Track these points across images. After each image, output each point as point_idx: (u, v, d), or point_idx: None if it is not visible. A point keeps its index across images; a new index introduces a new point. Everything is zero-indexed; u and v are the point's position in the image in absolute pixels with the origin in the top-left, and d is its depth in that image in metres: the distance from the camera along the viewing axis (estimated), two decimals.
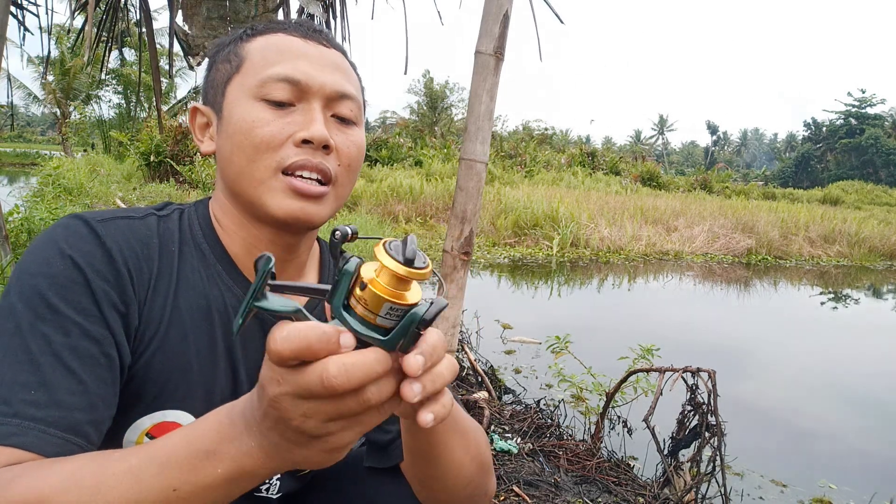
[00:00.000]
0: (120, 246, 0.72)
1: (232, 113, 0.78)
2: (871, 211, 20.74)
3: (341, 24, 3.25)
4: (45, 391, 0.61)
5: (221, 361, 0.79)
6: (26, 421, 0.59)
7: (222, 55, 0.83)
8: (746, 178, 52.78)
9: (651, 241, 11.74)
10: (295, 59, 0.78)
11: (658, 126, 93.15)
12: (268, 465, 0.53)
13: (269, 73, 0.76)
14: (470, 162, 2.44)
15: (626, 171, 27.10)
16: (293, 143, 0.76)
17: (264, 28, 0.82)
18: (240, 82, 0.78)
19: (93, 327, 0.66)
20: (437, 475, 0.75)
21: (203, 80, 0.87)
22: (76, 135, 31.30)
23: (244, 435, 0.53)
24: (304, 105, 0.77)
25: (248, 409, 0.53)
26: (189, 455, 0.54)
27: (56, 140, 41.89)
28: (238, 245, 0.82)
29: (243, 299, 0.78)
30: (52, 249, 0.68)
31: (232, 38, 0.84)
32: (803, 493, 2.84)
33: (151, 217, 0.79)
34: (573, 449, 2.73)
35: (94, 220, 0.72)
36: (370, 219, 10.51)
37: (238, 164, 0.77)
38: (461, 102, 42.72)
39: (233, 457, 0.53)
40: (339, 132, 0.80)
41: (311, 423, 0.48)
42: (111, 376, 0.67)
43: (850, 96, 68.17)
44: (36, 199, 8.71)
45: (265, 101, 0.76)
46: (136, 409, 0.73)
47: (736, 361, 4.95)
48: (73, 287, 0.66)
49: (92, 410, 0.64)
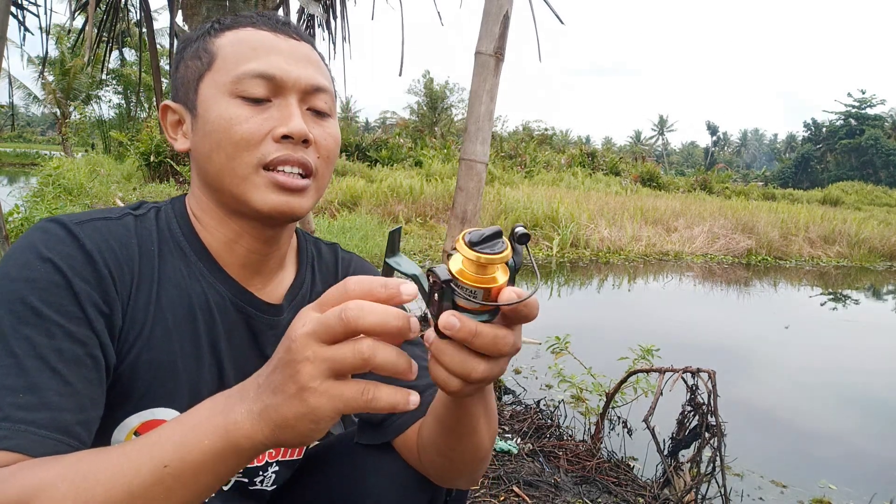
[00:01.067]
0: (99, 247, 0.72)
1: (208, 111, 0.77)
2: (870, 211, 20.73)
3: (341, 24, 3.25)
4: (33, 394, 0.61)
5: (206, 358, 0.80)
6: (17, 424, 0.59)
7: (191, 51, 0.82)
8: (746, 178, 52.78)
9: (651, 242, 11.74)
10: (268, 54, 0.78)
11: (658, 126, 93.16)
12: (254, 433, 0.54)
13: (244, 69, 0.77)
14: (470, 162, 2.44)
15: (626, 171, 27.08)
16: (272, 139, 0.76)
17: (232, 22, 0.82)
18: (213, 80, 0.78)
19: (77, 329, 0.66)
20: (461, 448, 0.76)
21: (171, 77, 0.86)
22: (76, 135, 31.30)
23: (236, 404, 0.55)
24: (281, 100, 0.78)
25: (249, 381, 0.56)
26: (178, 431, 0.56)
27: (56, 140, 41.89)
28: (218, 241, 0.83)
29: (226, 295, 0.82)
30: (31, 254, 0.68)
31: (199, 33, 0.83)
32: (803, 493, 2.84)
33: (128, 217, 0.80)
34: (573, 449, 2.73)
35: (71, 223, 0.72)
36: (370, 219, 10.50)
37: (218, 162, 0.77)
38: (461, 103, 42.73)
39: (217, 426, 0.55)
40: (316, 125, 0.81)
41: (309, 369, 0.50)
42: (97, 377, 0.68)
43: (850, 97, 68.20)
44: (36, 200, 8.70)
45: (241, 97, 0.76)
46: (123, 409, 0.74)
47: (736, 362, 4.95)
48: (54, 290, 0.66)
49: (81, 411, 0.64)
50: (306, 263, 0.94)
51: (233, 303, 0.83)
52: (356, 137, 24.51)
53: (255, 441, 0.54)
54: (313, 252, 0.97)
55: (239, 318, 0.83)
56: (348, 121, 46.31)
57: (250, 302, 0.84)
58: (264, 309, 0.85)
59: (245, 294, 0.84)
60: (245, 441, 0.54)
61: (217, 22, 0.83)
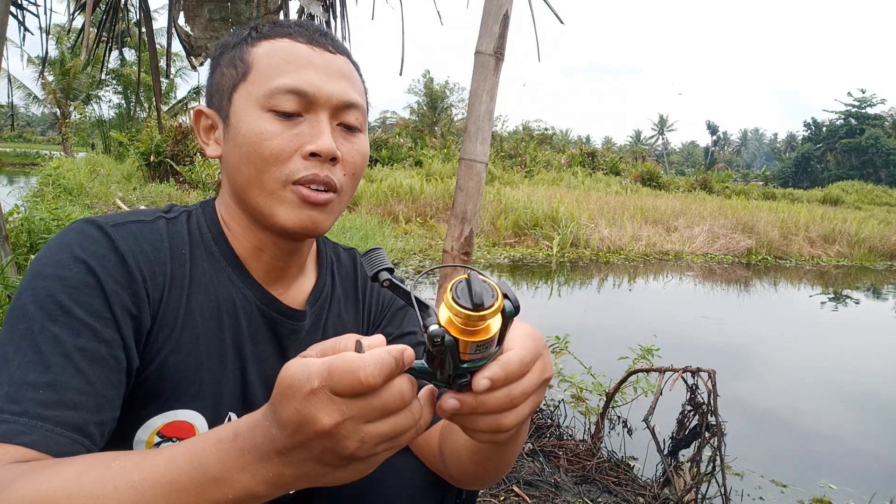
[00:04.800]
0: (133, 250, 0.73)
1: (240, 122, 0.78)
2: (871, 211, 20.73)
3: (341, 24, 3.25)
4: (54, 391, 0.62)
5: (230, 361, 0.81)
6: (34, 420, 0.60)
7: (226, 58, 0.82)
8: (746, 178, 52.75)
9: (651, 242, 11.73)
10: (302, 68, 0.78)
11: (658, 126, 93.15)
12: (290, 489, 0.54)
13: (277, 83, 0.77)
14: (470, 162, 2.44)
15: (626, 171, 27.10)
16: (301, 156, 0.77)
17: (269, 31, 0.82)
18: (247, 91, 0.78)
19: (104, 329, 0.67)
20: (503, 457, 0.77)
21: (207, 82, 0.87)
22: (76, 135, 31.32)
23: (257, 465, 0.53)
24: (312, 116, 0.78)
25: (262, 440, 0.52)
26: (195, 481, 0.54)
27: (56, 140, 41.92)
28: (245, 247, 0.84)
29: (252, 299, 0.83)
30: (65, 253, 0.69)
31: (236, 40, 0.83)
32: (803, 493, 2.84)
33: (161, 220, 0.81)
34: (573, 449, 2.73)
35: (107, 225, 0.73)
36: (370, 219, 10.51)
37: (247, 175, 0.78)
38: (461, 102, 42.71)
39: (244, 485, 0.53)
40: (345, 141, 0.81)
41: (367, 447, 0.50)
42: (118, 378, 0.68)
43: (850, 96, 68.14)
44: (36, 200, 8.70)
45: (273, 111, 0.77)
46: (148, 409, 0.75)
47: (736, 361, 4.95)
48: (85, 290, 0.67)
49: (98, 411, 0.65)
50: (326, 268, 0.95)
51: (258, 307, 0.84)
52: None
53: (285, 491, 0.54)
54: (332, 257, 0.99)
55: (263, 322, 0.85)
56: None
57: (275, 307, 0.85)
58: (289, 314, 0.87)
59: (270, 299, 0.85)
60: (279, 493, 0.54)
61: (255, 29, 0.83)
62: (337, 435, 0.49)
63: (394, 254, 8.47)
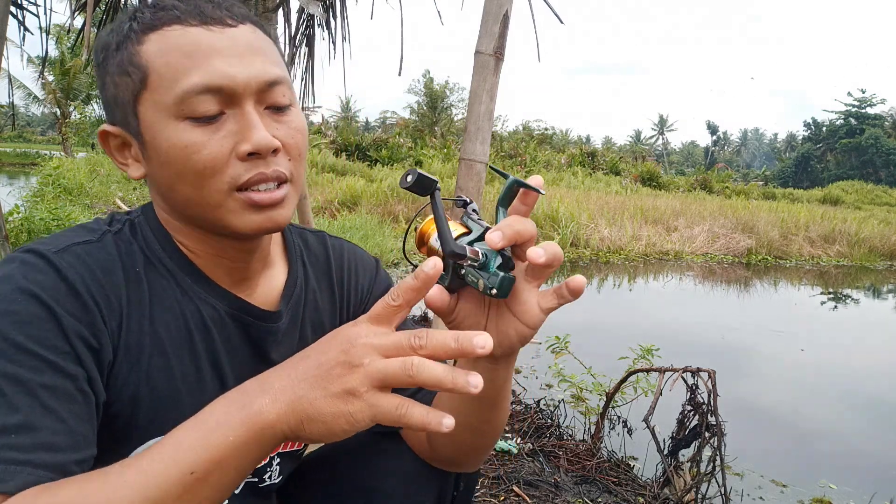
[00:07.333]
0: (82, 277, 0.67)
1: (156, 139, 0.69)
2: (871, 211, 20.73)
3: (341, 24, 3.25)
4: (28, 434, 0.57)
5: (208, 377, 0.77)
6: (12, 465, 0.55)
7: (114, 64, 0.71)
8: (746, 178, 52.74)
9: (651, 241, 11.74)
10: (207, 59, 0.67)
11: (658, 126, 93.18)
12: (278, 422, 0.55)
13: (185, 86, 0.66)
14: (470, 162, 2.44)
15: (626, 171, 27.11)
16: (238, 158, 0.68)
17: (152, 19, 0.69)
18: (152, 101, 0.68)
19: (65, 364, 0.62)
20: (492, 419, 0.77)
21: (100, 95, 0.75)
22: (76, 135, 31.30)
23: (256, 397, 0.56)
24: (236, 110, 0.69)
25: (270, 374, 0.58)
26: (199, 435, 0.55)
27: (56, 140, 41.89)
28: (201, 256, 0.77)
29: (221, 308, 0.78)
30: (9, 285, 0.63)
31: (118, 38, 0.71)
32: (803, 493, 2.84)
33: (107, 236, 0.73)
34: (573, 449, 2.73)
35: (49, 252, 0.66)
36: (370, 219, 10.50)
37: (184, 193, 0.70)
38: (461, 102, 42.68)
39: (242, 420, 0.55)
40: (279, 124, 0.72)
41: (361, 375, 0.53)
42: (87, 412, 0.63)
43: (850, 96, 68.04)
44: (36, 199, 8.71)
45: (190, 119, 0.67)
46: (128, 443, 0.71)
47: (736, 361, 4.95)
48: (39, 324, 0.62)
49: (76, 450, 0.61)
50: (296, 259, 0.88)
51: (229, 314, 0.78)
52: (356, 137, 24.49)
53: (276, 431, 0.55)
54: (300, 244, 0.91)
55: (237, 329, 0.79)
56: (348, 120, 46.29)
57: (246, 310, 0.80)
58: (262, 316, 0.81)
59: (240, 303, 0.79)
60: (268, 430, 0.55)
61: (134, 20, 0.70)
62: (353, 354, 0.54)
63: (394, 254, 8.47)
